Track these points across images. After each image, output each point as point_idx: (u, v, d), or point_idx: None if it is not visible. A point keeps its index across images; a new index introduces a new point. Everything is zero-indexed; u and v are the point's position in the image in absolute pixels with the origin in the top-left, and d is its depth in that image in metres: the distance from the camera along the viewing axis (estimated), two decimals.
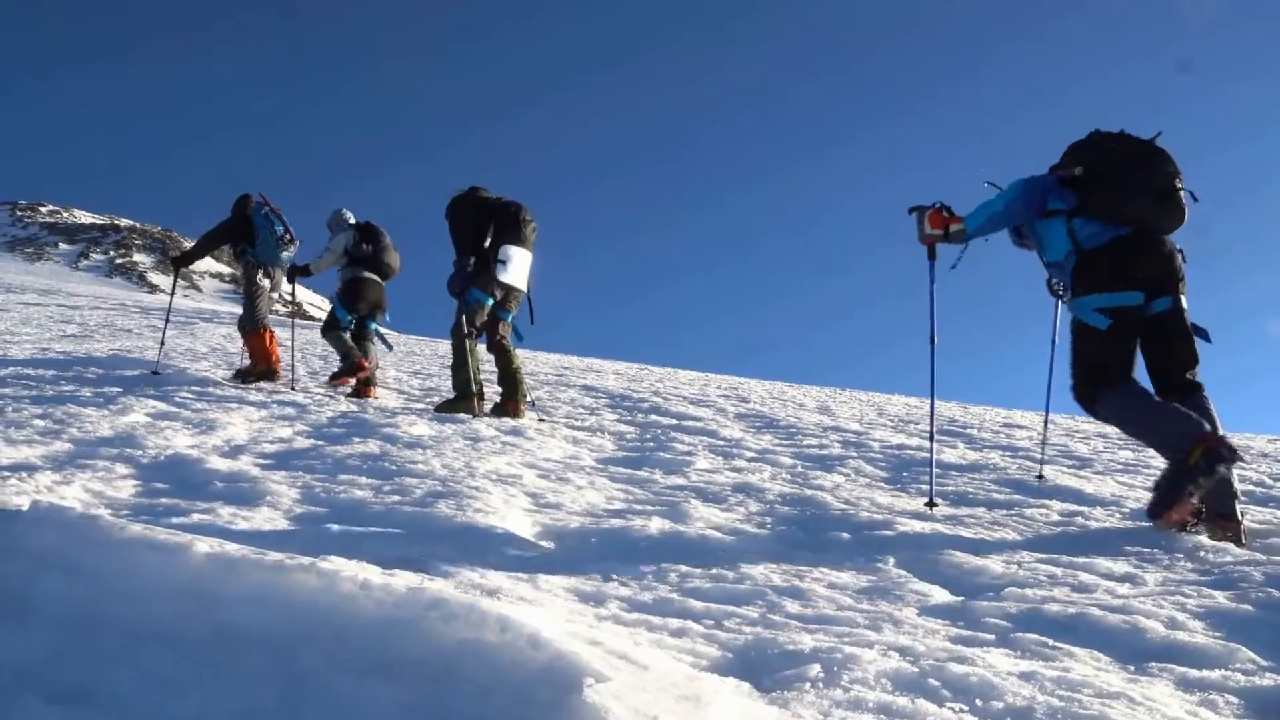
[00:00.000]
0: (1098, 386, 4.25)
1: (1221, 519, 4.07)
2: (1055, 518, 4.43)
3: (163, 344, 9.57)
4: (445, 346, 18.58)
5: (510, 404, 7.56)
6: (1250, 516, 4.53)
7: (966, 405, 12.32)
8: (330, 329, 8.88)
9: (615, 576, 3.26)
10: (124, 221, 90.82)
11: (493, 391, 7.90)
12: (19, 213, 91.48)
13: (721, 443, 6.73)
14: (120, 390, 7.39)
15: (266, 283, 9.13)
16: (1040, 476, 5.53)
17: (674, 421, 7.74)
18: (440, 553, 3.24)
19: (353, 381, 8.67)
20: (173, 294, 10.93)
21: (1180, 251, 4.37)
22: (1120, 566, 3.57)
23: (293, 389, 8.57)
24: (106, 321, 17.05)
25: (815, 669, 2.34)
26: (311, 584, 2.47)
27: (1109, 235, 4.28)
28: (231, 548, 2.77)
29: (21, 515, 3.12)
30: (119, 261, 78.87)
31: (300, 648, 2.29)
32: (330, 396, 8.25)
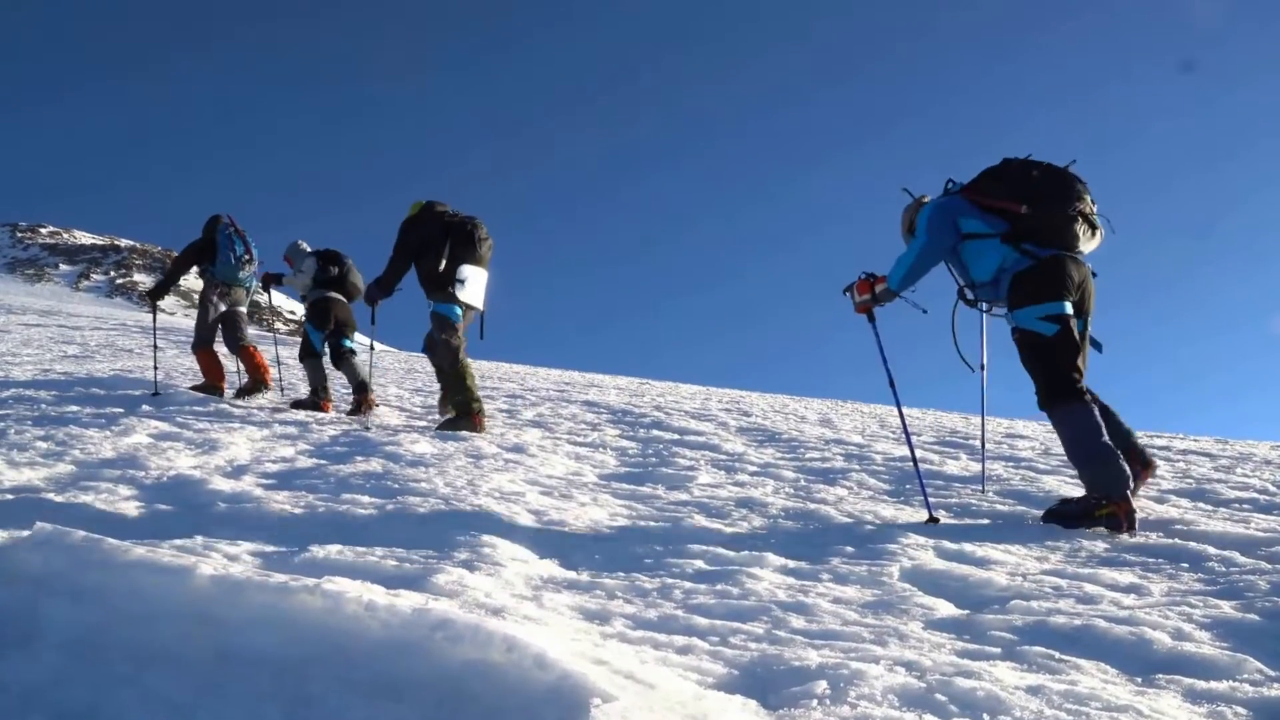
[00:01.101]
0: (1062, 394, 4.53)
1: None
2: (1059, 529, 4.42)
3: (156, 368, 9.60)
4: None
5: (443, 405, 7.91)
6: (1254, 524, 4.53)
7: (968, 416, 12.31)
8: (307, 355, 9.07)
9: (620, 594, 3.25)
10: (124, 242, 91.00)
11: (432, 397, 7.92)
12: (19, 234, 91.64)
13: (724, 457, 6.73)
14: (122, 411, 7.39)
15: (222, 305, 9.34)
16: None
17: (676, 436, 7.74)
18: (444, 572, 3.23)
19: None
20: (155, 325, 11.02)
21: (1092, 273, 4.79)
22: (1125, 577, 3.56)
23: (296, 407, 8.57)
24: (107, 342, 17.06)
25: (822, 686, 2.33)
26: (316, 605, 2.47)
27: (1044, 254, 4.61)
28: (236, 569, 2.77)
29: (25, 538, 3.12)
30: (119, 282, 78.97)
31: (306, 669, 2.29)
32: (334, 416, 8.25)
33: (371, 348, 9.68)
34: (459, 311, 7.56)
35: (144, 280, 79.01)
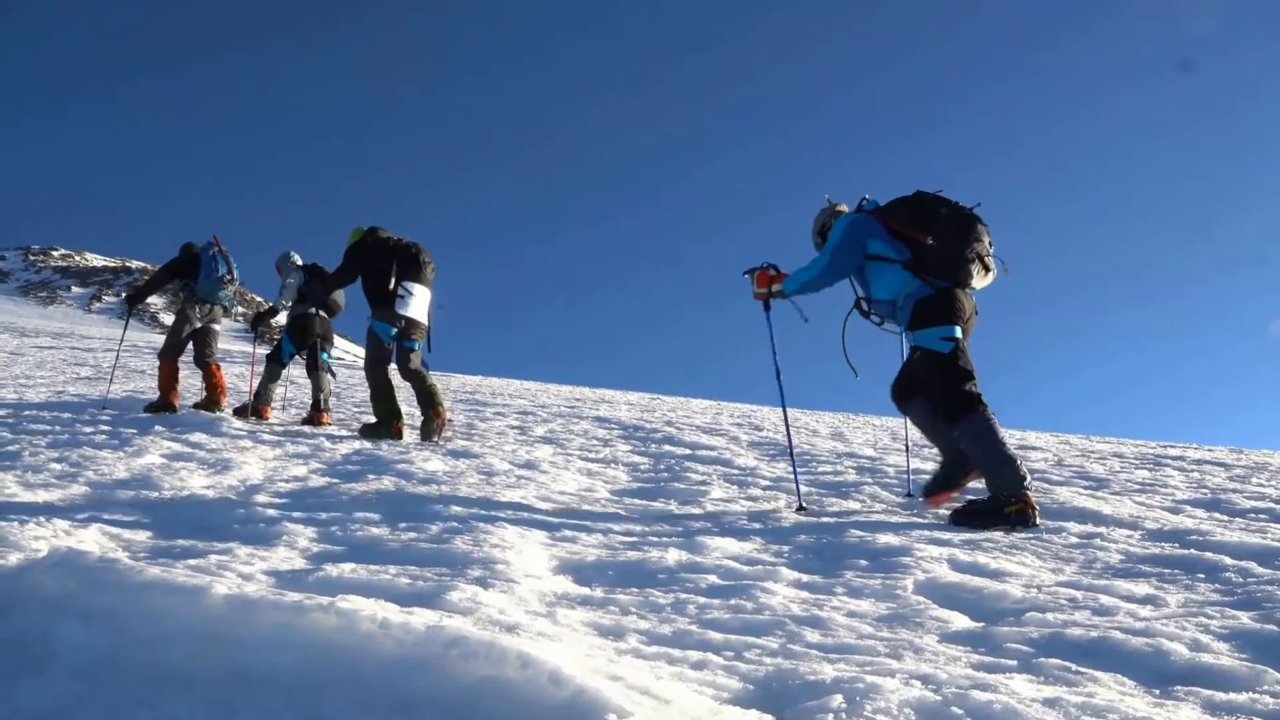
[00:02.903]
0: (965, 408, 4.96)
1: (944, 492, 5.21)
2: (1073, 540, 4.40)
3: (110, 381, 10.22)
4: (457, 381, 18.62)
5: (431, 413, 8.10)
6: (1271, 534, 4.50)
7: None
8: (273, 360, 9.65)
9: (634, 609, 3.24)
10: (135, 263, 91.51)
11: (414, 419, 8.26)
12: (31, 257, 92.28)
13: (736, 471, 6.72)
14: (135, 432, 7.42)
15: (199, 321, 9.75)
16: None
17: (688, 451, 7.73)
18: (457, 589, 3.23)
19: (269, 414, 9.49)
20: (125, 328, 11.47)
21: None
22: (1141, 588, 3.54)
23: (306, 423, 8.61)
24: (120, 363, 17.14)
25: (837, 699, 2.32)
26: (330, 624, 2.47)
27: (942, 285, 5.09)
28: (250, 589, 2.78)
29: (41, 560, 3.13)
30: None
31: (321, 690, 2.29)
32: (345, 434, 8.27)
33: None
34: (393, 332, 8.18)
35: (155, 301, 79.34)
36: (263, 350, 10.64)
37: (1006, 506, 4.73)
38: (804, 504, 5.29)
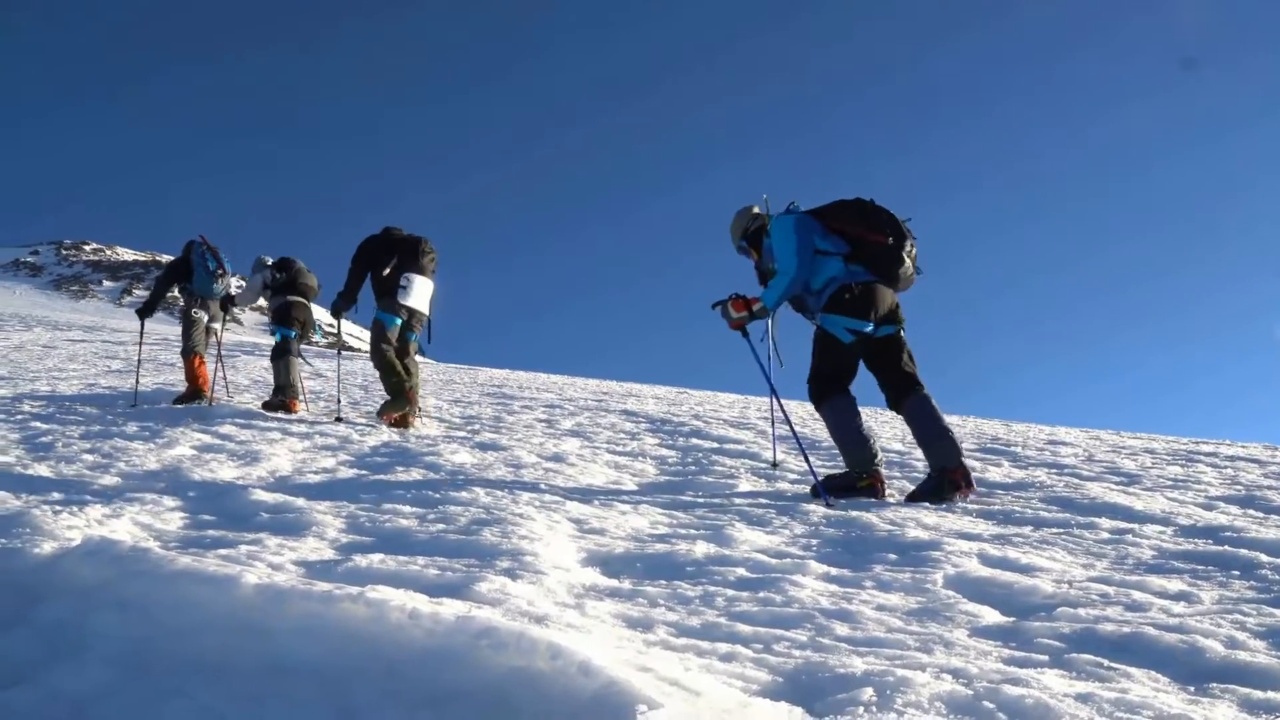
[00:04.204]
0: (831, 390, 5.48)
1: (956, 472, 5.32)
2: (1105, 535, 4.36)
3: (138, 382, 10.38)
4: (485, 374, 18.68)
5: (390, 414, 8.42)
6: None
7: (1009, 423, 12.19)
8: (280, 355, 9.78)
9: (662, 602, 3.24)
10: (165, 258, 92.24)
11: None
12: (64, 251, 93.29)
13: (764, 465, 6.70)
14: (166, 424, 7.48)
15: (204, 315, 10.28)
16: (774, 465, 6.62)
17: (715, 445, 7.72)
18: (486, 580, 3.23)
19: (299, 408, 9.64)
20: (141, 341, 12.12)
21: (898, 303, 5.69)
22: (1174, 584, 3.50)
23: (339, 420, 8.65)
24: (150, 356, 17.29)
25: (868, 692, 2.30)
26: (360, 614, 2.48)
27: (863, 278, 5.46)
28: (280, 578, 2.79)
29: (74, 549, 3.16)
30: None
31: (351, 680, 2.30)
32: (373, 426, 8.31)
33: (339, 352, 11.35)
34: (398, 322, 8.47)
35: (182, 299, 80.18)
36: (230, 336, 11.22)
37: (859, 482, 5.36)
38: (830, 501, 5.28)
